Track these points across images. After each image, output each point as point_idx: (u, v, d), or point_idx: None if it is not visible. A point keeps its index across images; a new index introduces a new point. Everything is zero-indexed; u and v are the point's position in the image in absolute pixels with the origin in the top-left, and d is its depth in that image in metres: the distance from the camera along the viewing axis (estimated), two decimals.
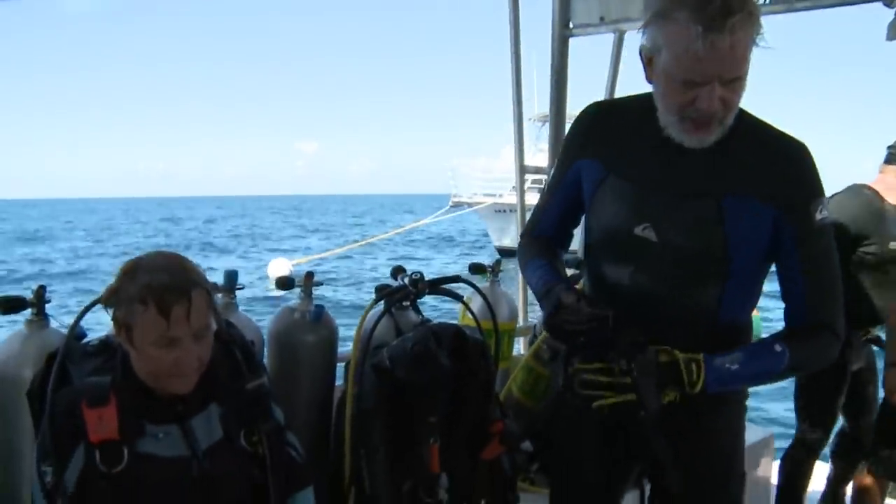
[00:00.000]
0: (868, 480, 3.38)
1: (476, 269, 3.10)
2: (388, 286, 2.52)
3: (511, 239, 32.96)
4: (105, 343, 1.84)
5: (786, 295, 1.79)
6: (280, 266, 26.60)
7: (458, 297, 2.65)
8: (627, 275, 1.81)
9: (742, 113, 1.71)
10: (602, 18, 3.33)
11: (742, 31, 1.52)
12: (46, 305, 2.10)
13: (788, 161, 1.72)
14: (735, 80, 1.58)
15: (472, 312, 2.62)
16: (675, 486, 1.76)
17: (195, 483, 1.74)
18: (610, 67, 3.53)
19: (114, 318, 1.73)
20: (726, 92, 1.59)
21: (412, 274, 2.49)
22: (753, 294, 1.85)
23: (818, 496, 3.91)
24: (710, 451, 1.92)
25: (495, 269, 3.15)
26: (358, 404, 2.29)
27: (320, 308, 2.45)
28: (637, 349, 1.64)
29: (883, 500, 3.52)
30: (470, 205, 33.46)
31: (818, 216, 1.71)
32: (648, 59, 1.66)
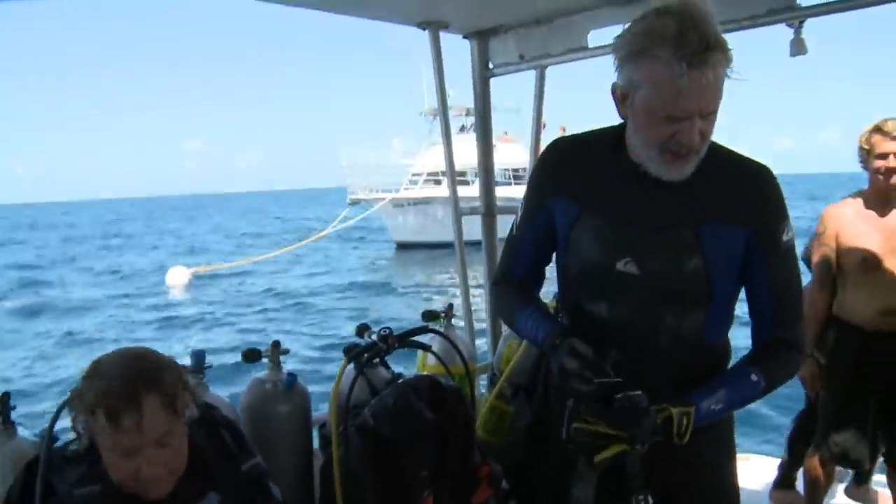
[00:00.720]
0: (817, 463, 3.51)
1: (429, 315, 3.10)
2: (356, 345, 2.49)
3: (411, 232, 33.53)
4: (90, 447, 1.71)
5: (755, 314, 1.86)
6: (179, 274, 26.01)
7: (426, 348, 2.65)
8: (611, 309, 1.81)
9: None
10: (522, 56, 3.38)
11: (719, 66, 1.56)
12: (11, 412, 1.98)
13: (755, 186, 1.77)
14: (712, 113, 1.62)
15: (440, 359, 2.62)
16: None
17: None
18: (534, 102, 3.58)
19: (74, 426, 1.66)
20: (704, 124, 1.62)
21: (380, 330, 2.47)
22: (731, 315, 1.90)
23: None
24: (703, 465, 1.93)
25: (448, 314, 3.16)
26: (346, 467, 2.25)
27: (293, 376, 2.41)
28: (642, 415, 1.65)
29: (830, 483, 3.66)
30: (368, 202, 33.23)
31: (785, 238, 1.78)
32: (623, 96, 1.67)
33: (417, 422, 2.27)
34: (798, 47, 2.85)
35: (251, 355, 2.42)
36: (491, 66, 3.53)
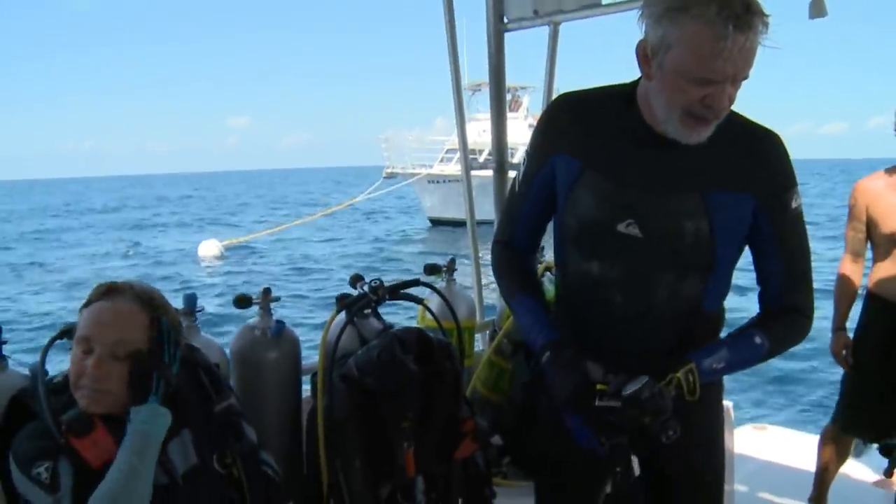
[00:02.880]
0: (833, 435, 3.53)
1: (431, 269, 3.11)
2: (348, 295, 2.51)
3: (442, 209, 33.50)
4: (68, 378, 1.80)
5: (762, 279, 1.84)
6: (210, 247, 26.35)
7: (418, 300, 2.66)
8: (609, 271, 1.79)
9: None
10: (536, 12, 3.34)
11: (759, 31, 1.53)
12: (2, 347, 2.04)
13: (764, 152, 1.75)
14: (744, 79, 1.59)
15: (432, 313, 2.64)
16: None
17: None
18: (546, 59, 3.55)
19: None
20: (733, 90, 1.60)
21: (371, 281, 2.49)
22: (729, 282, 1.88)
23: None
24: (693, 425, 1.93)
25: (450, 269, 3.17)
26: (329, 416, 2.29)
27: (280, 323, 2.44)
28: (657, 400, 1.64)
29: (845, 457, 3.64)
30: (403, 176, 33.28)
31: (793, 204, 1.76)
32: (651, 55, 1.61)
33: (401, 374, 2.29)
34: (817, 9, 2.79)
35: (242, 301, 2.46)
36: (506, 20, 3.49)
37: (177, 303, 2.09)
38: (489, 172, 3.76)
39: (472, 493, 2.51)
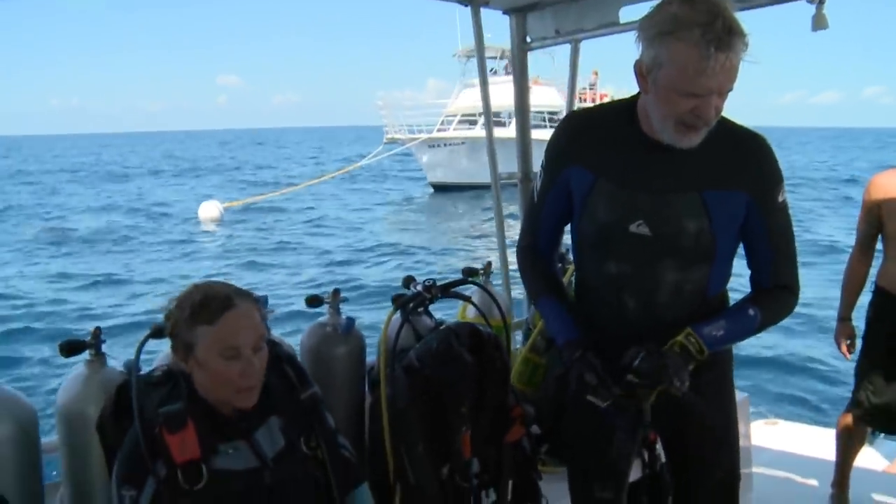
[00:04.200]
0: (849, 423, 3.65)
1: (469, 272, 3.32)
2: (402, 295, 2.73)
3: (444, 174, 33.93)
4: (168, 373, 1.99)
5: (754, 263, 2.10)
6: (210, 209, 26.33)
7: (466, 298, 2.88)
8: (624, 267, 2.04)
9: None
10: (557, 31, 3.56)
11: (740, 50, 1.75)
12: (102, 345, 2.26)
13: (754, 154, 1.99)
14: (728, 91, 1.82)
15: (479, 310, 2.86)
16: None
17: (268, 490, 1.92)
18: (569, 73, 3.80)
19: (174, 345, 1.92)
20: (719, 101, 1.82)
21: (424, 281, 2.72)
22: (730, 270, 2.14)
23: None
24: (710, 404, 2.17)
25: (487, 271, 3.39)
26: (393, 405, 2.50)
27: (350, 321, 2.66)
28: (665, 366, 1.93)
29: (862, 444, 3.80)
30: (403, 141, 33.55)
31: (780, 198, 2.01)
32: (647, 72, 1.85)
33: (458, 363, 2.51)
34: (819, 22, 3.00)
35: (314, 301, 2.69)
36: (528, 40, 3.72)
37: None
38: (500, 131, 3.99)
39: (520, 475, 2.72)
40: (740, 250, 2.12)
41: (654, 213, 1.97)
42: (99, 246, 21.88)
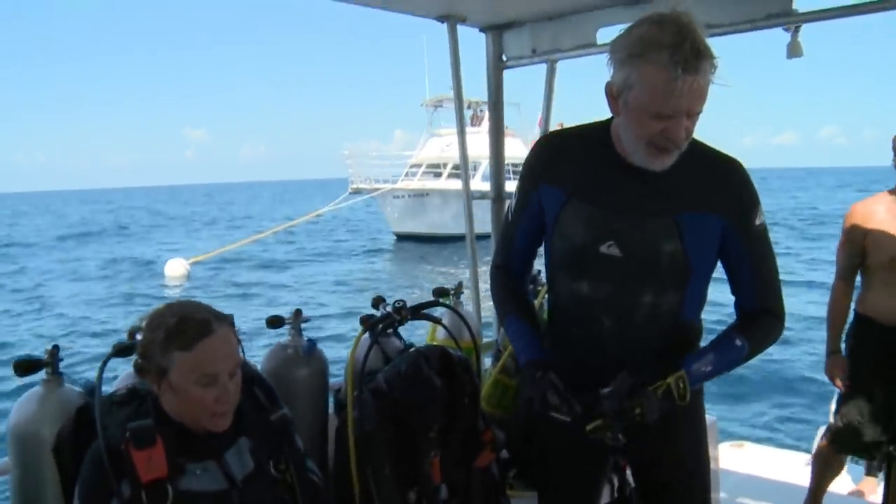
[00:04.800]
0: (827, 450, 3.65)
1: (440, 292, 3.28)
2: (371, 316, 2.68)
3: (408, 224, 33.65)
4: (133, 391, 1.94)
5: (736, 286, 2.07)
6: (177, 266, 25.82)
7: (436, 321, 2.84)
8: (594, 288, 2.01)
9: None
10: (534, 50, 3.55)
11: (708, 72, 1.75)
12: (60, 364, 2.18)
13: (727, 177, 1.98)
14: (698, 113, 1.82)
15: (449, 332, 2.82)
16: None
17: None
18: (544, 94, 3.78)
19: (144, 367, 1.85)
20: (689, 123, 1.82)
21: (395, 302, 2.67)
22: (705, 295, 2.10)
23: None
24: (684, 434, 2.15)
25: (457, 292, 3.35)
26: (360, 427, 2.45)
27: (312, 342, 2.60)
28: (636, 398, 1.87)
29: (839, 471, 3.79)
30: (368, 191, 33.34)
31: (758, 221, 1.99)
32: (616, 94, 1.85)
33: (427, 387, 2.47)
34: (794, 50, 3.01)
35: (275, 322, 2.62)
36: (504, 58, 3.70)
37: None
38: (454, 184, 3.97)
39: (489, 500, 2.67)
40: (719, 275, 2.09)
41: (626, 235, 1.95)
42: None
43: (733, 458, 4.75)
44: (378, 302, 2.75)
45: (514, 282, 2.22)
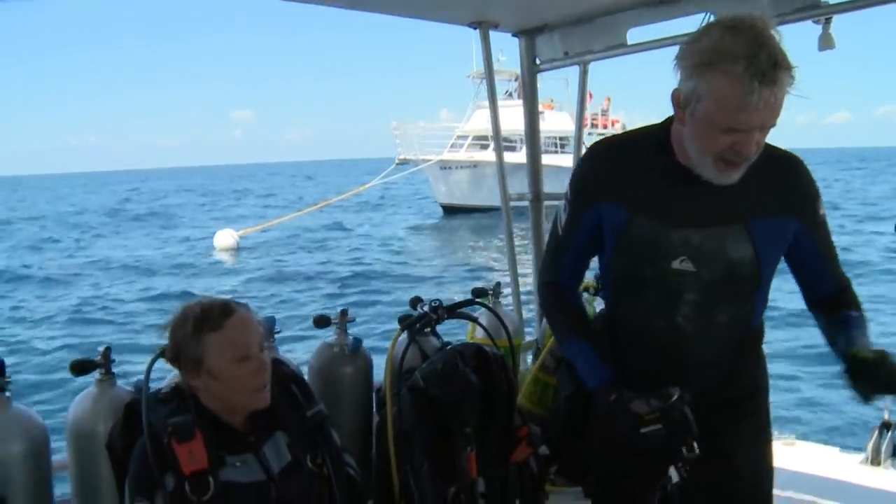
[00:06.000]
0: None
1: (479, 293, 3.34)
2: (409, 316, 2.76)
3: (456, 197, 33.82)
4: (176, 389, 2.03)
5: (808, 279, 2.02)
6: (226, 237, 26.47)
7: (472, 319, 2.91)
8: (666, 305, 1.91)
9: None
10: (566, 53, 3.60)
11: (786, 84, 1.61)
12: (112, 365, 2.30)
13: (794, 178, 1.90)
14: (772, 126, 1.69)
15: (486, 330, 2.88)
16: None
17: (274, 503, 1.96)
18: (578, 95, 3.84)
19: (181, 363, 1.96)
20: (761, 136, 1.69)
21: (431, 302, 2.75)
22: (768, 294, 2.01)
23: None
24: (746, 448, 2.07)
25: (496, 292, 3.41)
26: (399, 424, 2.52)
27: (357, 341, 2.69)
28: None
29: None
30: (415, 162, 33.31)
31: (821, 212, 1.94)
32: (685, 104, 1.72)
33: (463, 384, 2.53)
34: (826, 42, 3.01)
35: (322, 321, 2.72)
36: (538, 62, 3.76)
37: None
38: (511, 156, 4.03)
39: (526, 495, 2.73)
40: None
41: (698, 248, 1.84)
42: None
43: (785, 456, 4.69)
44: (416, 302, 2.83)
45: (568, 299, 2.09)
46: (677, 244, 1.85)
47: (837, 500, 3.83)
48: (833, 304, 2.00)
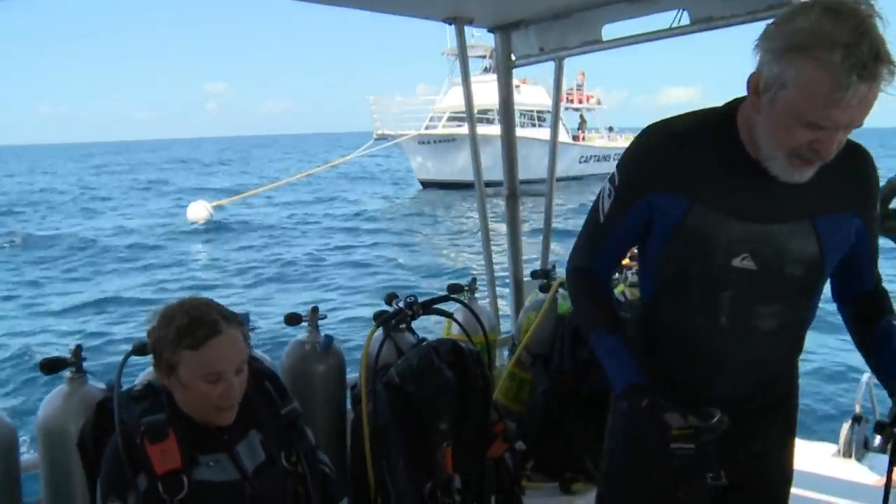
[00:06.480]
0: None
1: (454, 289, 3.34)
2: (384, 312, 2.75)
3: (434, 172, 33.99)
4: (149, 387, 2.02)
5: (855, 274, 1.86)
6: (199, 209, 26.27)
7: (448, 315, 2.91)
8: (723, 307, 1.73)
9: None
10: (542, 49, 3.60)
11: (884, 80, 1.43)
12: (83, 363, 2.27)
13: (863, 171, 1.76)
14: (859, 126, 1.53)
15: (461, 326, 2.88)
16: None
17: (248, 502, 1.94)
18: (553, 90, 3.86)
19: (156, 361, 1.93)
20: (844, 135, 1.54)
21: (406, 298, 2.74)
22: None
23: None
24: (776, 462, 1.98)
25: (471, 288, 3.41)
26: (374, 421, 2.52)
27: (329, 338, 2.68)
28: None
29: None
30: (394, 137, 33.34)
31: (877, 206, 1.84)
32: (763, 89, 1.53)
33: (438, 380, 2.54)
34: None
35: (293, 319, 2.71)
36: (513, 57, 3.76)
37: None
38: (481, 129, 4.03)
39: (502, 490, 2.73)
40: None
41: (762, 245, 1.67)
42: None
43: None
44: (391, 298, 2.82)
45: (602, 289, 1.91)
46: (740, 239, 1.68)
47: (811, 491, 3.88)
48: (869, 303, 1.87)
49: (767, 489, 1.97)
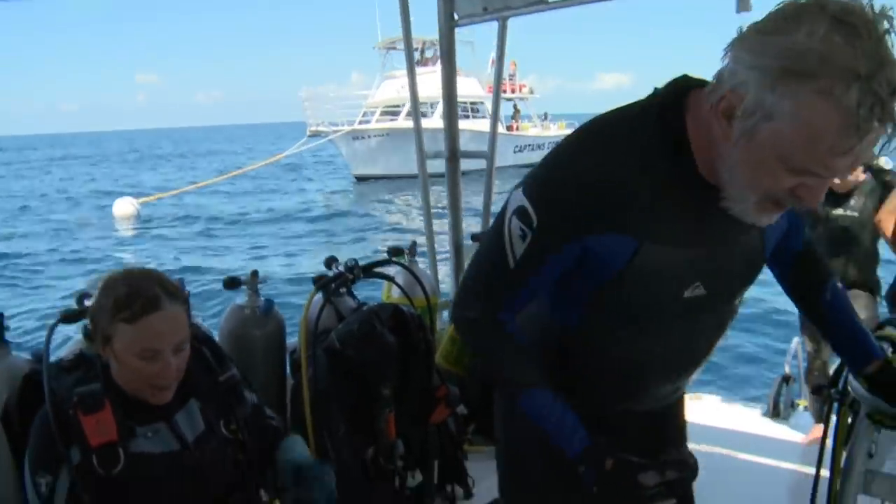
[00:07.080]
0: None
1: (395, 252, 3.29)
2: (324, 276, 2.69)
3: (369, 166, 33.56)
4: (80, 356, 1.92)
5: (788, 244, 1.69)
6: (125, 205, 25.33)
7: (388, 278, 2.86)
8: (661, 337, 1.51)
9: None
10: (485, 8, 3.54)
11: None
12: (5, 332, 2.16)
13: None
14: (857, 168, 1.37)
15: (402, 289, 2.83)
16: None
17: (188, 473, 1.87)
18: (496, 51, 3.79)
19: (91, 332, 1.84)
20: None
21: (347, 262, 2.68)
22: None
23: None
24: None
25: (412, 251, 3.36)
26: (314, 386, 2.46)
27: (269, 302, 2.60)
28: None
29: None
30: (327, 133, 32.95)
31: None
32: (742, 115, 1.18)
33: (380, 344, 2.49)
34: (744, 5, 3.03)
35: (232, 283, 2.62)
36: (456, 17, 3.68)
37: None
38: (409, 124, 4.00)
39: (446, 455, 2.72)
40: None
41: (713, 270, 1.44)
42: None
43: (692, 410, 4.84)
44: (331, 262, 2.76)
45: (519, 342, 1.51)
46: (690, 269, 1.43)
47: (741, 451, 3.98)
48: (803, 268, 1.73)
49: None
